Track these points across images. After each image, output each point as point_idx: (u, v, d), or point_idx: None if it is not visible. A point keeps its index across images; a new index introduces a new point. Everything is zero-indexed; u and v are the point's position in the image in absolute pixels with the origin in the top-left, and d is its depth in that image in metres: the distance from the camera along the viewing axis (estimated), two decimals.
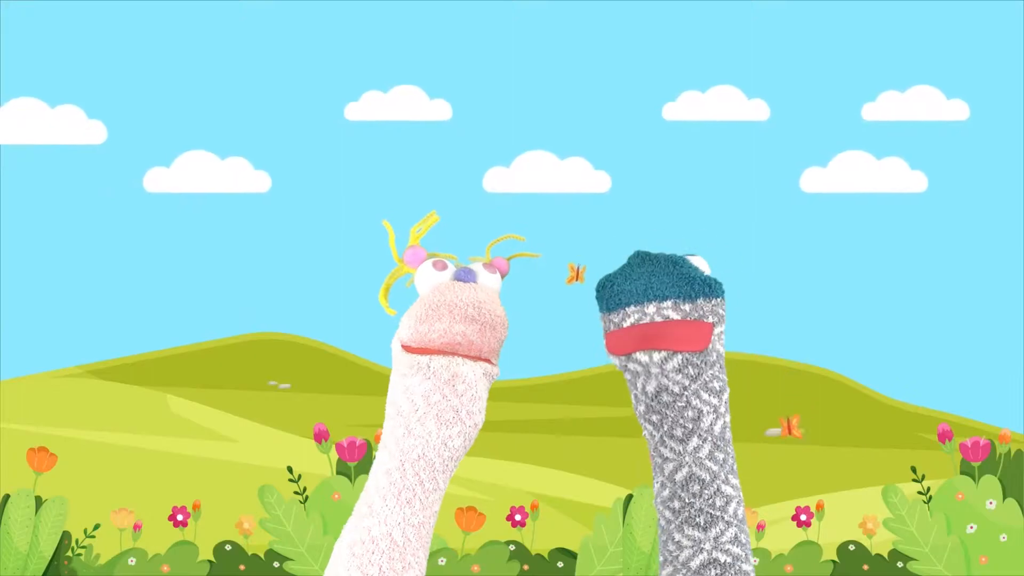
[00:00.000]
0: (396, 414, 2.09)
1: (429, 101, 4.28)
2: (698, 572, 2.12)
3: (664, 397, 2.11)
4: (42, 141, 4.23)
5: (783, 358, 4.26)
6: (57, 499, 4.18)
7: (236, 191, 4.25)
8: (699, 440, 2.12)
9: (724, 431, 2.13)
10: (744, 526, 2.14)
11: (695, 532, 2.12)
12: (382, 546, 2.06)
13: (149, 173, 4.26)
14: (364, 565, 2.06)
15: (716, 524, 2.12)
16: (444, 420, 2.07)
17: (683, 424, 2.12)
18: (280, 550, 4.19)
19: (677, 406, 2.11)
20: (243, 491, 4.19)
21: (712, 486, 2.12)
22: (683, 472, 2.12)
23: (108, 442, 4.22)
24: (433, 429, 2.07)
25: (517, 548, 4.21)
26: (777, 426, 4.25)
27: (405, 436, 2.08)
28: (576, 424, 4.25)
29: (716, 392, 2.12)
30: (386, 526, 2.07)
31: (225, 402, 4.26)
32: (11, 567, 4.14)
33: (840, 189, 4.23)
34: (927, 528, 4.20)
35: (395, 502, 2.07)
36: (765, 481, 4.20)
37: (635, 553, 4.18)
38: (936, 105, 4.24)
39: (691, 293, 2.11)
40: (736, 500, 2.13)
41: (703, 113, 4.26)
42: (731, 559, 2.12)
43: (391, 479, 2.07)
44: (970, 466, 4.20)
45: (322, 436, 4.20)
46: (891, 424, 4.23)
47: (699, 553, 2.12)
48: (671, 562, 2.14)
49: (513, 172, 4.27)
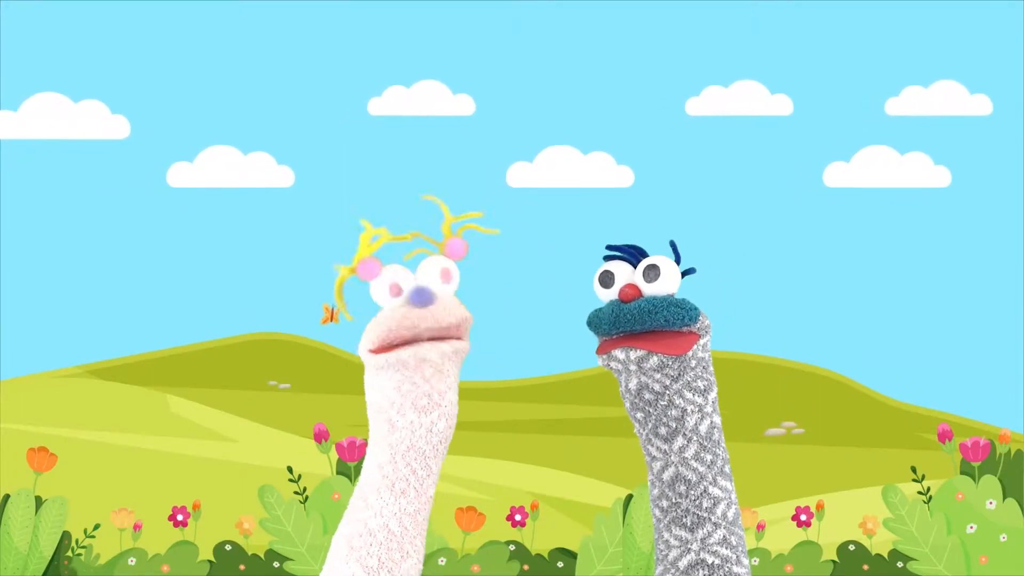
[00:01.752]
0: (376, 412, 2.12)
1: (452, 96, 4.29)
2: (686, 572, 2.12)
3: (646, 395, 2.12)
4: (65, 136, 4.24)
5: (783, 358, 4.26)
6: (57, 499, 4.18)
7: (259, 186, 4.26)
8: (684, 440, 2.12)
9: (711, 432, 2.13)
10: (735, 528, 2.14)
11: (682, 532, 2.13)
12: (379, 537, 2.10)
13: (172, 168, 4.27)
14: (363, 557, 2.09)
15: (703, 525, 2.12)
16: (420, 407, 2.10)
17: (667, 423, 2.12)
18: (280, 550, 4.19)
19: (660, 404, 2.12)
20: (243, 491, 4.20)
21: (699, 487, 2.12)
22: (670, 471, 2.13)
23: (108, 442, 4.22)
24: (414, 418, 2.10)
25: (517, 548, 4.21)
26: (778, 426, 4.25)
27: (390, 431, 2.10)
28: (576, 424, 4.25)
29: (701, 391, 2.12)
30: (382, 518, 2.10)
31: (225, 402, 4.27)
32: (11, 567, 4.14)
33: (863, 184, 4.23)
34: (927, 528, 4.19)
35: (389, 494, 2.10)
36: (765, 481, 4.20)
37: (635, 553, 4.18)
38: (959, 100, 4.24)
39: (678, 325, 2.12)
40: (725, 502, 2.13)
41: (726, 108, 4.26)
42: (720, 561, 2.12)
43: (383, 472, 2.10)
44: (970, 466, 4.19)
45: (322, 436, 4.21)
46: (891, 424, 4.23)
47: (687, 553, 2.13)
48: (661, 561, 2.15)
49: (537, 167, 4.28)
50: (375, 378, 2.12)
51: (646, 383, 2.12)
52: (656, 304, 2.10)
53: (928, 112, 4.25)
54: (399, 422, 2.10)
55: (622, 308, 2.11)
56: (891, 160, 4.25)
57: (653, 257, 2.14)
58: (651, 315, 2.09)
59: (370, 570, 2.09)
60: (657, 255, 2.15)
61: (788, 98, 4.27)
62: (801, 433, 4.25)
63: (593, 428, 4.23)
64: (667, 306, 2.09)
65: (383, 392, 2.11)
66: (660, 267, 2.12)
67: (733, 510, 2.14)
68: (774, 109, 4.27)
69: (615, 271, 2.16)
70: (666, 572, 2.14)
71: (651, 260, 2.13)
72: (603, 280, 2.16)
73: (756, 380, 4.24)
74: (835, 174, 4.25)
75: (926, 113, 4.25)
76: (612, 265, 2.16)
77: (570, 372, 4.26)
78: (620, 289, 2.13)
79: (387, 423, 2.10)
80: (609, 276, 2.15)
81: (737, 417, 4.20)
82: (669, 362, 2.10)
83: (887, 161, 4.25)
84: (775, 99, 4.27)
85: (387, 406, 2.11)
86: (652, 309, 2.10)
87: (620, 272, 2.16)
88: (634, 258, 2.16)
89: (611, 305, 2.13)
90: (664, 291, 2.13)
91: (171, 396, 4.26)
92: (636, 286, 2.13)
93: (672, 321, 2.09)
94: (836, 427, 4.24)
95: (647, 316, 2.10)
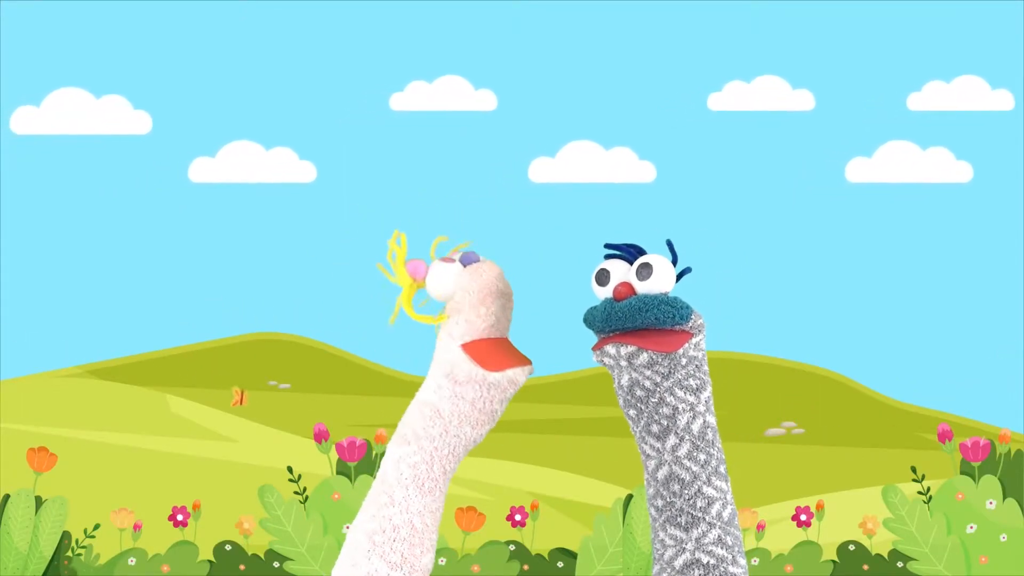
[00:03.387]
0: (435, 414, 2.17)
1: (474, 91, 4.29)
2: (682, 572, 2.12)
3: (637, 391, 2.13)
4: (87, 131, 4.24)
5: (783, 358, 4.26)
6: (57, 499, 4.18)
7: (281, 181, 4.26)
8: (676, 439, 2.12)
9: (704, 431, 2.13)
10: (731, 528, 2.14)
11: (677, 532, 2.13)
12: (403, 534, 2.14)
13: (194, 163, 4.27)
14: (387, 553, 2.13)
15: (698, 525, 2.12)
16: (480, 422, 2.18)
17: (658, 421, 2.12)
18: (280, 550, 4.20)
19: (651, 402, 2.12)
20: (243, 491, 4.20)
21: (692, 487, 2.12)
22: (664, 470, 2.13)
23: (108, 442, 4.23)
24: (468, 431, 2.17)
25: (517, 548, 4.21)
26: (778, 426, 4.24)
27: (442, 435, 2.16)
28: (576, 424, 4.25)
29: (692, 390, 2.12)
30: (408, 514, 2.14)
31: (225, 402, 4.27)
32: (11, 567, 4.15)
33: (885, 179, 4.23)
34: (927, 528, 4.19)
35: (417, 492, 2.15)
36: (765, 481, 4.20)
37: (635, 553, 4.18)
38: (982, 95, 4.24)
39: (669, 324, 2.13)
40: (720, 502, 2.13)
41: (748, 103, 4.26)
42: (715, 561, 2.12)
43: (416, 472, 2.15)
44: (970, 466, 4.19)
45: (322, 436, 4.21)
46: (891, 424, 4.23)
47: (682, 553, 2.13)
48: (658, 560, 2.16)
49: (558, 162, 4.28)
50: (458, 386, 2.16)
51: (637, 379, 2.12)
52: (647, 302, 2.10)
53: (950, 107, 4.25)
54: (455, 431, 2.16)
55: (614, 306, 2.12)
56: (913, 155, 4.25)
57: (647, 256, 2.15)
58: (641, 313, 2.10)
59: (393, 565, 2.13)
60: (652, 254, 2.16)
61: (810, 93, 4.27)
62: (801, 433, 4.25)
63: (593, 428, 4.23)
64: (658, 304, 2.10)
65: (455, 401, 2.17)
66: (653, 265, 2.13)
67: (729, 510, 2.14)
68: (796, 104, 4.27)
69: (611, 269, 2.16)
70: (662, 571, 2.15)
71: (645, 259, 2.14)
72: (599, 278, 2.17)
73: (756, 380, 4.24)
74: (857, 169, 4.25)
75: (948, 108, 4.25)
76: (609, 263, 2.17)
77: (570, 372, 4.26)
78: (614, 287, 2.14)
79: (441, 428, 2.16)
80: (605, 274, 2.16)
81: (737, 417, 4.20)
82: (659, 359, 2.11)
83: (909, 156, 4.25)
84: (797, 94, 4.27)
85: (451, 414, 2.16)
86: (643, 307, 2.10)
87: (616, 270, 2.16)
88: (631, 256, 2.16)
89: (604, 303, 2.14)
90: (657, 290, 2.13)
91: (171, 396, 4.26)
92: (630, 284, 2.14)
93: (662, 319, 2.10)
94: (836, 427, 4.24)
95: (637, 314, 2.10)
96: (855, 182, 4.25)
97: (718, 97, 4.28)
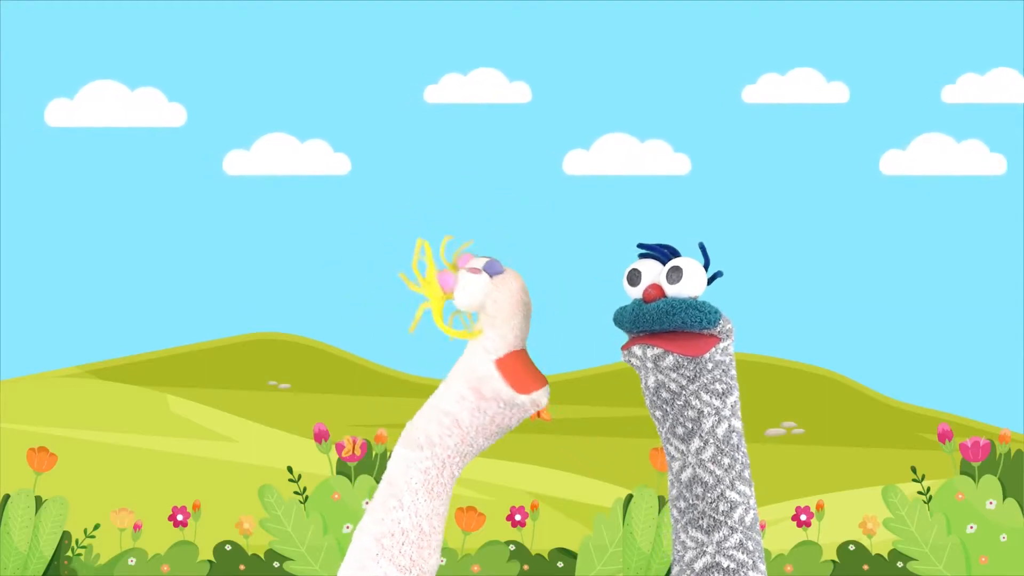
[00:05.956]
0: (454, 424, 2.21)
1: (509, 83, 4.29)
2: (701, 575, 2.13)
3: (663, 393, 2.13)
4: (122, 124, 4.23)
5: (783, 358, 4.26)
6: (57, 499, 4.17)
7: (316, 173, 4.26)
8: (700, 442, 2.13)
9: (729, 435, 2.14)
10: (752, 533, 2.14)
11: (698, 534, 2.13)
12: (412, 537, 2.19)
13: (229, 155, 4.26)
14: (396, 556, 2.18)
15: (720, 529, 2.13)
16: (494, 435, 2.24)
17: (683, 423, 2.13)
18: (280, 550, 4.19)
19: (677, 404, 2.13)
20: (243, 491, 4.19)
21: (716, 490, 2.13)
22: (687, 472, 2.13)
23: (108, 442, 4.22)
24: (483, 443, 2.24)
25: (517, 548, 4.21)
26: (778, 426, 4.25)
27: (458, 445, 2.22)
28: (576, 424, 4.25)
29: (719, 394, 2.13)
30: (416, 518, 2.19)
31: (225, 402, 4.26)
32: (11, 567, 4.14)
33: (920, 172, 4.24)
34: (927, 528, 4.20)
35: (426, 496, 2.20)
36: (765, 481, 4.18)
37: (635, 553, 4.18)
38: (1016, 87, 4.25)
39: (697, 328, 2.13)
40: (743, 507, 2.13)
41: (783, 96, 4.27)
42: (736, 565, 2.12)
43: (427, 477, 2.20)
44: (970, 466, 4.20)
45: (322, 436, 4.20)
46: (891, 424, 4.24)
47: (702, 556, 2.13)
48: (677, 562, 2.16)
49: (593, 154, 4.28)
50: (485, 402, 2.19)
51: (663, 381, 2.13)
52: (675, 305, 2.10)
53: (984, 100, 4.26)
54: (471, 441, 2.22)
55: (643, 308, 2.12)
56: (948, 148, 4.26)
57: (679, 259, 2.15)
58: (669, 316, 2.10)
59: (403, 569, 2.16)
60: (684, 257, 2.16)
61: (844, 86, 4.28)
62: (801, 433, 4.25)
63: (593, 428, 4.23)
64: (686, 308, 2.10)
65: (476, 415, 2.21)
66: (683, 269, 2.13)
67: (751, 515, 2.15)
68: (830, 97, 4.27)
69: (643, 269, 2.16)
70: (682, 573, 2.15)
71: (676, 262, 2.14)
72: (631, 278, 2.17)
73: (756, 380, 4.24)
74: (892, 161, 4.26)
75: (982, 101, 4.26)
76: (641, 263, 2.17)
77: (570, 372, 4.26)
78: (644, 289, 2.14)
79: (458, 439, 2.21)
80: (636, 274, 2.16)
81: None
82: (685, 363, 2.11)
83: (944, 149, 4.26)
84: (831, 87, 4.28)
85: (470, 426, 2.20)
86: (671, 310, 2.10)
87: (648, 271, 2.16)
88: (665, 257, 2.16)
89: (634, 304, 2.14)
90: (687, 293, 2.13)
91: (171, 396, 4.26)
92: (659, 286, 2.14)
93: (690, 323, 2.10)
94: (836, 427, 4.25)
95: (665, 317, 2.10)
96: (890, 174, 4.25)
97: (753, 89, 4.28)
